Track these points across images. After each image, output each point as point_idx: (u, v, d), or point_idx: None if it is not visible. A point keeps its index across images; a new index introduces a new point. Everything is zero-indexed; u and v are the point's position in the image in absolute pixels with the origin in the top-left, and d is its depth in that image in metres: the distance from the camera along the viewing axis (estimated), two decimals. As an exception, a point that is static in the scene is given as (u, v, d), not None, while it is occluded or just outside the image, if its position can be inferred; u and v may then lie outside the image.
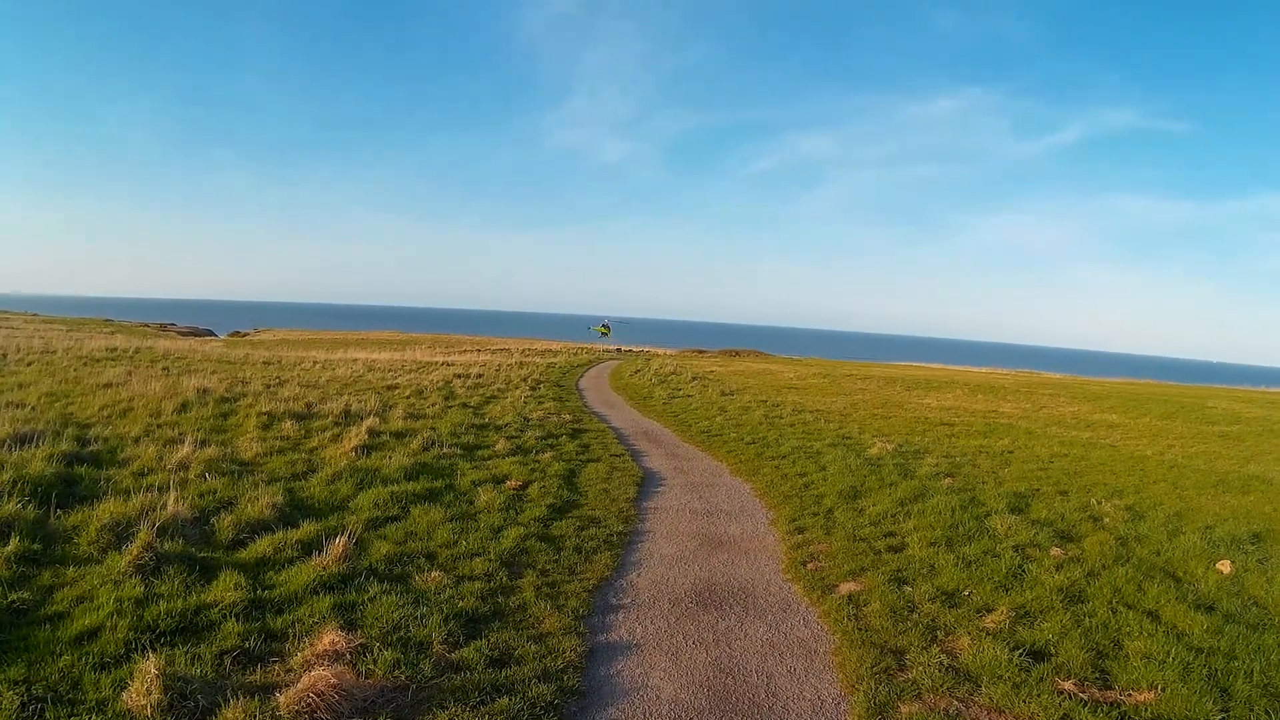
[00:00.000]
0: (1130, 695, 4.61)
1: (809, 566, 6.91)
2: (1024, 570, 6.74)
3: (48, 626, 4.73)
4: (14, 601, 4.98)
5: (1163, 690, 4.62)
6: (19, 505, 6.45)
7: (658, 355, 49.77)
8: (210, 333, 75.62)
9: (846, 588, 6.30)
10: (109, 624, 4.71)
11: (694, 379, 26.36)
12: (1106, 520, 8.52)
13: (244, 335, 70.90)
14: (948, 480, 10.25)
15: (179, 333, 67.61)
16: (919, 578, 6.53)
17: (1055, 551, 7.27)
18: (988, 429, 15.91)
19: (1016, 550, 7.27)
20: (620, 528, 7.89)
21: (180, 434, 10.03)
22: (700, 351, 64.71)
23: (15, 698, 3.89)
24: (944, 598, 6.09)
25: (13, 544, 5.69)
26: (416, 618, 5.18)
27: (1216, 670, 4.95)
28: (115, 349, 25.24)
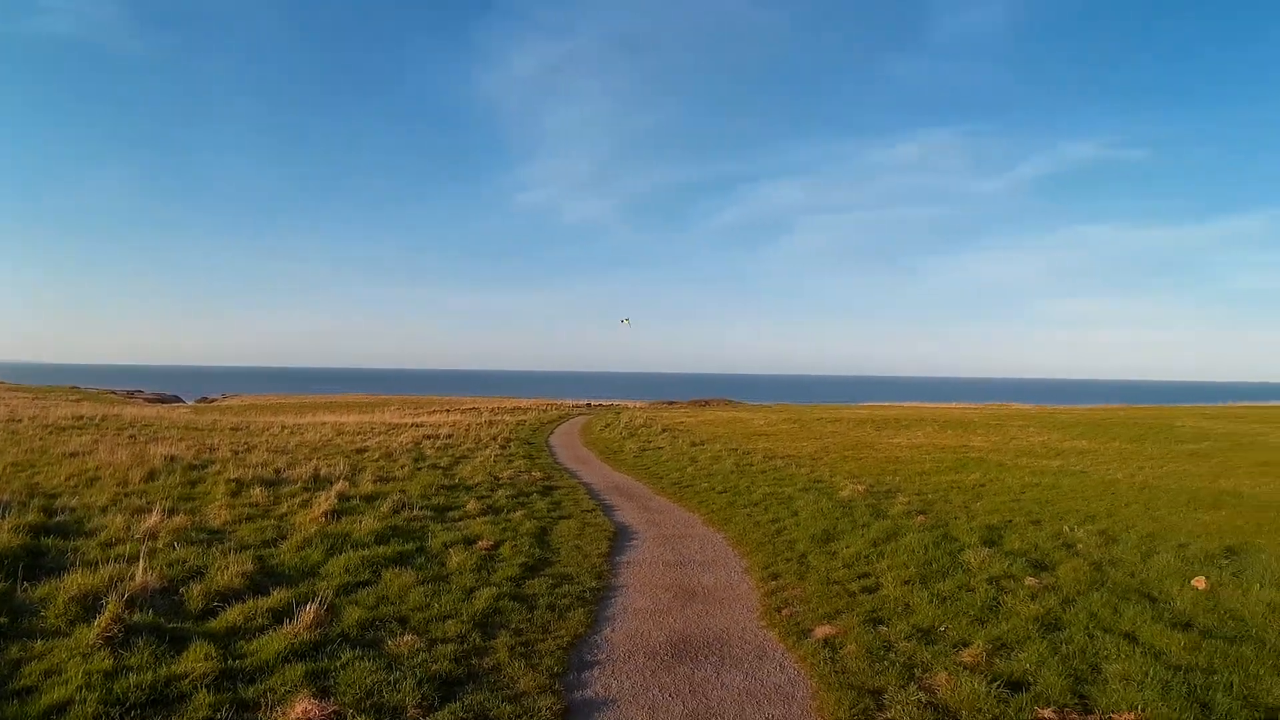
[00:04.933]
0: (1111, 718, 4.66)
1: (784, 612, 6.89)
2: (999, 602, 6.81)
3: (15, 701, 4.60)
4: (-20, 677, 4.84)
5: (1143, 710, 4.67)
6: (-17, 579, 6.30)
7: (628, 408, 49.60)
8: (178, 399, 74.22)
9: (822, 631, 6.30)
10: (78, 698, 4.58)
11: (664, 430, 26.37)
12: (1080, 546, 8.64)
13: (212, 401, 69.68)
14: (920, 518, 10.34)
15: (146, 399, 66.28)
16: (894, 617, 6.56)
17: (1030, 581, 7.35)
18: (959, 464, 16.11)
19: (991, 582, 7.34)
20: (594, 584, 7.83)
21: (148, 502, 9.88)
22: (670, 403, 64.73)
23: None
24: (920, 635, 6.11)
25: (-22, 619, 5.54)
26: (390, 683, 5.08)
27: (1196, 686, 5.01)
28: (82, 417, 24.77)
